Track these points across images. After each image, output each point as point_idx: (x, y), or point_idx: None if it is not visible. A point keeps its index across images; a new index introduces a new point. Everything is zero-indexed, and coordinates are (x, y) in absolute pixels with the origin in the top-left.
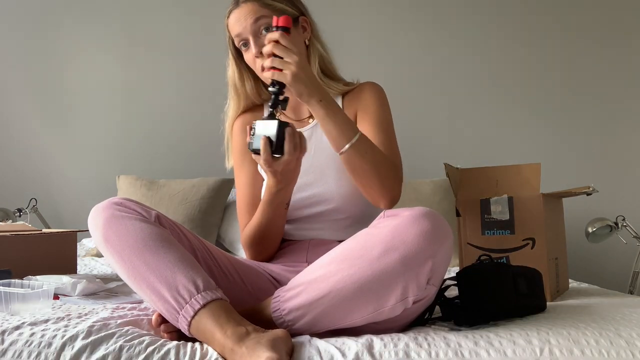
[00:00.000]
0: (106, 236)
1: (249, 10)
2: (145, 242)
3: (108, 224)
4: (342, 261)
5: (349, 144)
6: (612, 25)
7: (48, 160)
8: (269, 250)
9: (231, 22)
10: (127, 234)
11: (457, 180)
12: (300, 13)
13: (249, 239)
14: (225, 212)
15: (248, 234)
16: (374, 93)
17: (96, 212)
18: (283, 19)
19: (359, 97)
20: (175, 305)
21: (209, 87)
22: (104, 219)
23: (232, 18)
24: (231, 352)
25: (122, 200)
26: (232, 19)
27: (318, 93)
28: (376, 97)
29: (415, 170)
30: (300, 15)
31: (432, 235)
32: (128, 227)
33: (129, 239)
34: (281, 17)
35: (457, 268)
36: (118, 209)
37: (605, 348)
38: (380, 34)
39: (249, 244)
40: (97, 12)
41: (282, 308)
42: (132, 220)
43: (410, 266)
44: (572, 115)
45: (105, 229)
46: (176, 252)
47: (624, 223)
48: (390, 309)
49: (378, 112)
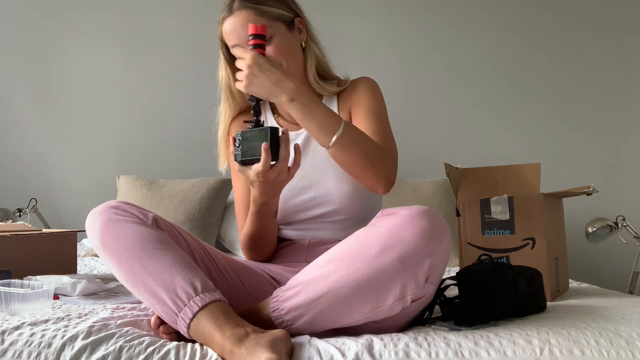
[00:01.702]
0: (104, 240)
1: (244, 21)
2: (142, 245)
3: (106, 228)
4: (341, 260)
5: (334, 139)
6: (612, 25)
7: (48, 161)
8: (266, 253)
9: (226, 30)
10: (125, 238)
11: (457, 180)
12: (296, 15)
13: (243, 244)
14: (225, 212)
15: (242, 239)
16: (366, 86)
17: (93, 216)
18: (260, 28)
19: (352, 92)
20: (174, 307)
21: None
22: (102, 223)
23: (226, 26)
24: (230, 353)
25: (119, 204)
26: (228, 28)
27: (285, 93)
28: (367, 90)
29: (415, 170)
30: (296, 17)
31: (430, 233)
32: (125, 231)
33: (127, 243)
34: (259, 25)
35: (457, 268)
36: (115, 213)
37: (605, 348)
38: (380, 33)
39: (244, 249)
40: (97, 13)
41: (280, 308)
42: (130, 224)
43: (408, 265)
44: (572, 115)
45: (102, 232)
46: (174, 254)
47: (624, 223)
48: (389, 308)
49: (369, 103)
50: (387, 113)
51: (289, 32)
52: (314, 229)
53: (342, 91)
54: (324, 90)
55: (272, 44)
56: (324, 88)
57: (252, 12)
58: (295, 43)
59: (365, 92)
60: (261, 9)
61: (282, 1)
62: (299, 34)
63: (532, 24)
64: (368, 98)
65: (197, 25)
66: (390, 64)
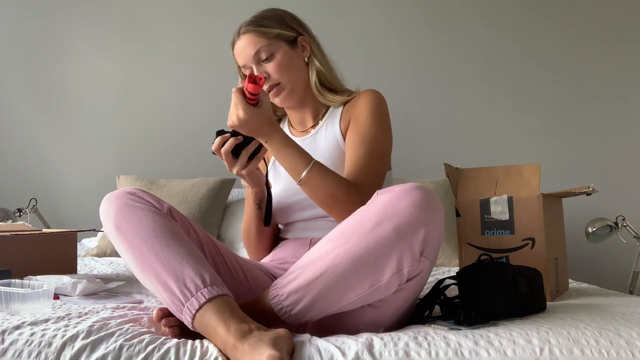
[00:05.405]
0: (118, 224)
1: (248, 42)
2: (156, 233)
3: (121, 213)
4: (338, 238)
5: (300, 178)
6: (612, 25)
7: (48, 161)
8: (252, 248)
9: (236, 53)
10: (139, 224)
11: (457, 180)
12: (298, 33)
13: (242, 233)
14: (225, 212)
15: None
16: (368, 103)
17: (109, 200)
18: (250, 87)
19: (355, 105)
20: (181, 297)
21: (210, 87)
22: (117, 207)
23: (236, 49)
24: (233, 348)
25: (136, 190)
26: (236, 50)
27: (262, 136)
28: (368, 108)
29: (415, 170)
30: (299, 35)
31: (424, 204)
32: (141, 217)
33: (140, 229)
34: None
35: (457, 268)
36: (131, 199)
37: (605, 348)
38: (380, 35)
39: (242, 239)
40: (97, 13)
41: (280, 294)
42: (145, 211)
43: (403, 235)
44: (572, 115)
45: (117, 217)
46: (186, 246)
47: (624, 223)
48: (387, 284)
49: (366, 123)
50: (384, 132)
51: (291, 50)
52: (314, 228)
53: (348, 101)
54: (328, 100)
55: (273, 61)
56: (328, 98)
57: (254, 33)
58: (297, 59)
59: (365, 109)
60: (262, 30)
61: (283, 22)
62: (302, 50)
63: (531, 23)
64: (366, 117)
65: (197, 25)
66: (390, 65)
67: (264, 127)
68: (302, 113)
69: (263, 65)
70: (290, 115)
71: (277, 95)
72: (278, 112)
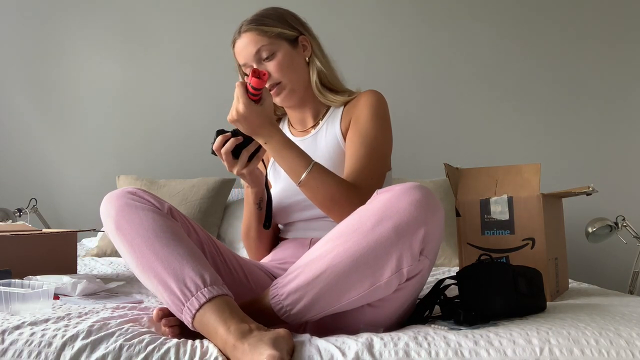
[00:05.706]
0: (118, 224)
1: (249, 41)
2: (156, 233)
3: (121, 213)
4: (338, 238)
5: (300, 180)
6: (612, 25)
7: (48, 161)
8: (252, 249)
9: (236, 51)
10: (140, 224)
11: (457, 180)
12: (300, 33)
13: (241, 233)
14: (225, 212)
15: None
16: (369, 103)
17: (110, 199)
18: (253, 82)
19: (356, 105)
20: (181, 297)
21: (210, 87)
22: (118, 207)
23: (236, 47)
24: (233, 347)
25: (136, 190)
26: (237, 49)
27: (262, 137)
28: (369, 108)
29: (415, 170)
30: (300, 35)
31: (424, 203)
32: (141, 217)
33: (141, 229)
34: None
35: (457, 268)
36: (132, 198)
37: (605, 348)
38: (380, 35)
39: (242, 239)
40: (97, 13)
41: (280, 293)
42: (145, 211)
43: (403, 234)
44: (572, 115)
45: (118, 217)
46: (186, 246)
47: (624, 223)
48: (386, 283)
49: (367, 124)
50: (385, 133)
51: (292, 49)
52: (314, 228)
53: (349, 101)
54: (328, 100)
55: (273, 60)
56: (328, 98)
57: (255, 32)
58: (298, 58)
59: (366, 110)
60: (263, 29)
61: (284, 21)
62: (303, 50)
63: (531, 23)
64: (367, 118)
65: (197, 25)
66: (390, 65)
67: (263, 127)
68: (302, 113)
69: (264, 64)
70: (291, 115)
71: (278, 94)
72: (278, 112)
